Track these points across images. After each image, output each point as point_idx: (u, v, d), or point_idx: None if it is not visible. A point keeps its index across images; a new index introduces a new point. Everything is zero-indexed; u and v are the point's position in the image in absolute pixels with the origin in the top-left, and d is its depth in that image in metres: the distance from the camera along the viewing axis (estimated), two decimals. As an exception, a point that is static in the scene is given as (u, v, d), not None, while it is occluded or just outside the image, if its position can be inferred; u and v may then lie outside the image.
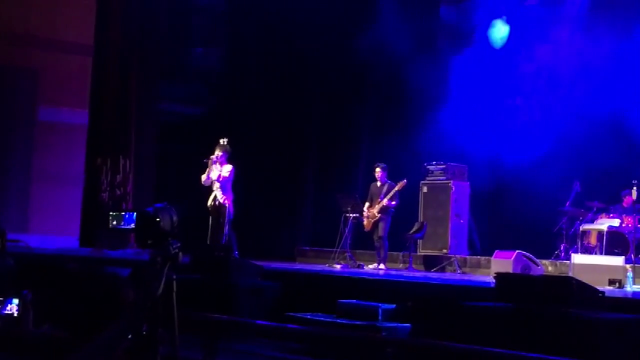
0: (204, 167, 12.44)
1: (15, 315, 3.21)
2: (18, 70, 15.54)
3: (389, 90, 15.95)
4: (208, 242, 12.38)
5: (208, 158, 12.36)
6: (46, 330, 2.90)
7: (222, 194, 12.37)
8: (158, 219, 3.00)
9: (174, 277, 2.97)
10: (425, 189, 14.40)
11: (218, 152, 12.38)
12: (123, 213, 3.14)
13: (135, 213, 3.10)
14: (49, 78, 15.61)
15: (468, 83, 14.65)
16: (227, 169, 12.40)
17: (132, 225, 3.10)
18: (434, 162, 14.46)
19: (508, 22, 15.24)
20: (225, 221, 12.23)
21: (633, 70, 13.90)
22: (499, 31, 15.25)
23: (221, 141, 12.56)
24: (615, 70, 13.91)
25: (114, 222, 3.15)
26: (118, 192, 14.79)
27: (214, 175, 12.36)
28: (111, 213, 3.18)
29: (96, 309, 2.79)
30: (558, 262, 12.54)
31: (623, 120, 13.77)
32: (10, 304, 3.22)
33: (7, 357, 2.67)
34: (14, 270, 3.61)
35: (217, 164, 12.36)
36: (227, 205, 12.31)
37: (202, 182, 12.43)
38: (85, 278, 2.84)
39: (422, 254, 14.05)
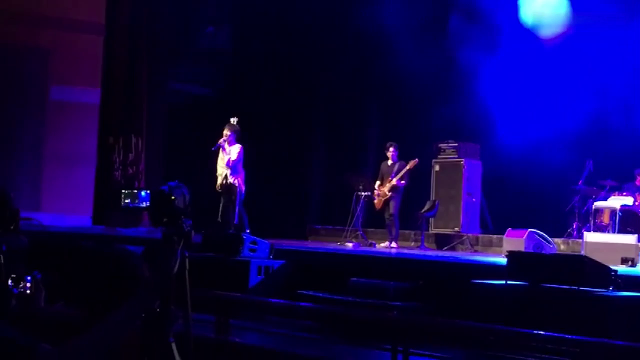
0: (215, 152, 12.38)
1: (29, 292, 3.22)
2: (29, 50, 15.52)
3: (400, 68, 15.84)
4: (219, 221, 12.39)
5: (216, 146, 12.26)
6: (59, 308, 2.91)
7: (232, 174, 12.32)
8: (173, 197, 3.00)
9: (187, 254, 2.98)
10: (437, 168, 14.38)
11: (227, 132, 12.27)
12: (136, 191, 3.13)
13: (149, 191, 3.10)
14: (60, 57, 15.58)
15: (480, 62, 14.54)
16: (235, 151, 12.29)
17: (146, 204, 3.10)
18: (446, 141, 14.42)
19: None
20: (236, 200, 12.22)
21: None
22: None
23: (231, 120, 12.44)
24: (630, 49, 13.81)
25: (127, 201, 3.15)
26: (130, 171, 14.83)
27: (223, 162, 12.27)
28: (123, 191, 3.17)
29: (109, 287, 2.79)
30: (570, 241, 12.52)
31: (636, 98, 13.68)
32: (25, 281, 3.23)
33: (21, 334, 2.68)
34: (28, 248, 3.62)
35: (226, 144, 12.24)
36: (237, 184, 12.29)
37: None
38: (99, 255, 2.85)
39: (434, 232, 14.05)
